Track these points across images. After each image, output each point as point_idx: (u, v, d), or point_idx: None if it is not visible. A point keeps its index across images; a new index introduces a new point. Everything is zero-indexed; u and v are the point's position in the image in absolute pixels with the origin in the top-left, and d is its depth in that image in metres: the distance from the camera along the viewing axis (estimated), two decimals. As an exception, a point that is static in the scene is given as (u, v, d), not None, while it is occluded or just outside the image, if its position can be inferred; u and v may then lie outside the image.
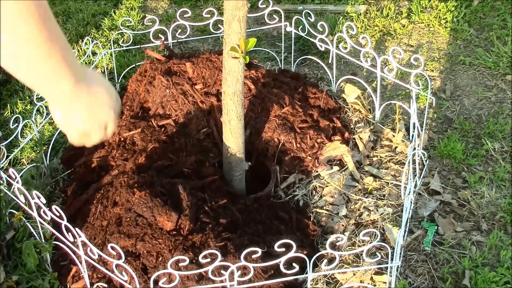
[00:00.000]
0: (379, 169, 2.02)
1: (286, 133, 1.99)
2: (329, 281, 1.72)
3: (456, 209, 1.92)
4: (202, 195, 1.76)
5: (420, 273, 1.75)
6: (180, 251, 1.60)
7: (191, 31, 2.37)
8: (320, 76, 2.40)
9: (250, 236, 1.71)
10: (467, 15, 2.71)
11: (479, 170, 2.04)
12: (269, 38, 2.61)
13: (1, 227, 1.79)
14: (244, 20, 1.56)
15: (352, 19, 2.69)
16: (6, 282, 1.66)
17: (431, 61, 2.49)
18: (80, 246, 1.53)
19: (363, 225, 1.85)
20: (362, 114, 2.19)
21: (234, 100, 1.69)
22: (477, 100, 2.32)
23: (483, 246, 1.81)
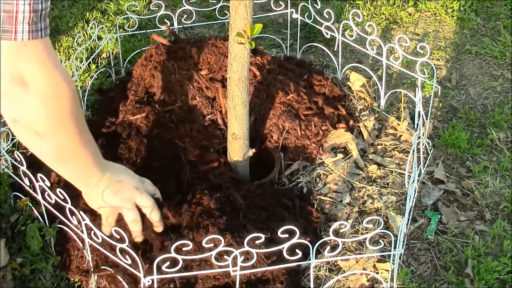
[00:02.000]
0: (383, 157, 2.02)
1: (291, 120, 1.99)
2: (331, 268, 1.72)
3: (459, 198, 1.92)
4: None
5: (422, 261, 1.76)
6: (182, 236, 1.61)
7: (197, 16, 2.37)
8: (325, 63, 2.40)
9: (254, 222, 1.71)
10: (474, 4, 2.70)
11: (484, 160, 2.04)
12: (275, 25, 2.60)
13: (6, 210, 1.80)
14: (251, 5, 1.56)
15: (358, 6, 2.68)
16: (10, 264, 1.67)
17: (437, 50, 2.48)
18: (84, 229, 1.54)
19: (366, 212, 1.85)
20: (367, 102, 2.19)
21: (239, 86, 1.69)
22: (482, 90, 2.31)
23: (486, 235, 1.82)
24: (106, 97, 2.23)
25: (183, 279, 1.59)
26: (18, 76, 1.23)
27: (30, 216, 1.77)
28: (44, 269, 1.67)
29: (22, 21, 1.18)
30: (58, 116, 1.31)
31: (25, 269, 1.67)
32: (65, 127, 1.35)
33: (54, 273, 1.68)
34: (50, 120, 1.31)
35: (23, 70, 1.23)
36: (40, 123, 1.30)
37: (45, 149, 1.37)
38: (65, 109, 1.32)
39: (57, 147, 1.37)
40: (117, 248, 1.49)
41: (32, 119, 1.29)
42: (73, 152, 1.40)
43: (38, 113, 1.28)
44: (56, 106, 1.30)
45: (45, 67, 1.26)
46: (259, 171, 1.93)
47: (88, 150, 1.44)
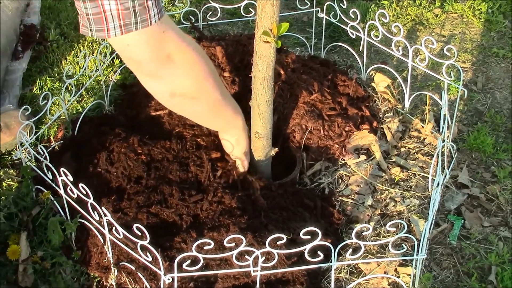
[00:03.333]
0: (406, 160, 2.00)
1: (314, 120, 1.98)
2: (352, 270, 1.71)
3: (484, 204, 1.90)
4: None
5: (445, 266, 1.74)
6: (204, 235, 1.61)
7: (221, 13, 2.36)
8: (349, 63, 2.38)
9: (275, 222, 1.71)
10: (503, 6, 2.67)
11: (509, 165, 2.02)
12: (299, 24, 2.59)
13: (28, 203, 1.81)
14: (278, 4, 1.55)
15: (384, 6, 2.66)
16: (31, 258, 1.68)
17: (463, 52, 2.46)
18: (105, 225, 1.54)
19: (388, 215, 1.84)
20: (391, 103, 2.18)
21: (264, 85, 1.68)
22: (509, 94, 2.29)
23: (510, 242, 1.80)
24: (129, 92, 2.23)
25: (203, 278, 1.59)
26: (166, 57, 1.46)
27: (51, 210, 1.77)
28: (65, 263, 1.68)
29: (152, 7, 1.36)
30: (205, 77, 1.57)
31: (45, 262, 1.68)
32: (211, 85, 1.61)
33: (74, 267, 1.68)
34: (200, 82, 1.57)
35: (168, 51, 1.46)
36: (193, 87, 1.57)
37: (201, 109, 1.66)
38: (206, 69, 1.58)
39: (210, 105, 1.65)
40: (138, 245, 1.49)
41: (187, 87, 1.55)
42: (221, 106, 1.68)
43: (190, 80, 1.55)
44: (200, 69, 1.56)
45: (182, 40, 1.49)
46: (280, 171, 1.92)
47: (230, 102, 1.73)
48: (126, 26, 1.34)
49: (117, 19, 1.33)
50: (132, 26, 1.35)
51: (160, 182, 1.75)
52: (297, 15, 2.47)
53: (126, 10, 1.32)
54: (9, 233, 1.74)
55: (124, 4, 1.31)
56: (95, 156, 1.84)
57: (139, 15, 1.34)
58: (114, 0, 1.30)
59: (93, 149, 1.87)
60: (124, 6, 1.31)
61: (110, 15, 1.32)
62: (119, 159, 1.81)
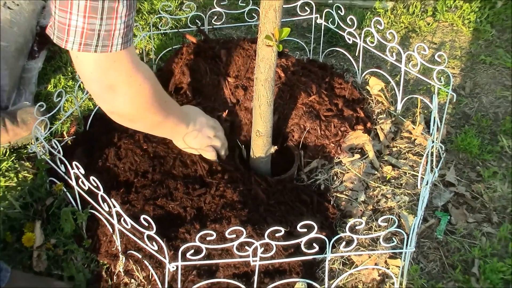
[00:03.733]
0: (398, 159, 2.01)
1: (312, 121, 1.99)
2: (345, 262, 1.72)
3: (469, 201, 1.91)
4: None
5: (431, 259, 1.75)
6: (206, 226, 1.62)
7: (226, 18, 2.37)
8: (346, 67, 2.39)
9: (273, 215, 1.72)
10: (490, 16, 2.67)
11: (493, 166, 2.03)
12: (299, 29, 2.60)
13: (42, 193, 1.82)
14: (280, 10, 1.56)
15: (379, 14, 2.67)
16: (45, 245, 1.69)
17: (453, 59, 2.47)
18: (114, 215, 1.56)
19: (380, 211, 1.85)
20: (385, 106, 2.19)
21: (265, 86, 1.69)
22: (495, 99, 2.30)
23: (493, 237, 1.81)
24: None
25: (205, 267, 1.60)
26: (108, 85, 1.43)
27: (64, 200, 1.79)
28: (76, 250, 1.69)
29: (118, 36, 1.34)
30: (144, 107, 1.55)
31: (58, 249, 1.69)
32: (151, 113, 1.59)
33: (85, 255, 1.69)
34: (139, 111, 1.56)
35: (112, 81, 1.43)
36: (130, 114, 1.56)
37: (138, 127, 1.67)
38: (148, 100, 1.55)
39: (147, 125, 1.66)
40: (145, 235, 1.50)
41: (124, 112, 1.54)
42: (160, 124, 1.67)
43: (128, 108, 1.53)
44: (141, 101, 1.53)
45: (130, 75, 1.45)
46: (279, 167, 1.93)
47: (172, 117, 1.70)
48: (86, 45, 1.32)
49: (79, 36, 1.30)
50: (92, 47, 1.33)
51: (165, 177, 1.76)
52: (297, 21, 2.48)
53: (91, 31, 1.30)
54: (25, 222, 1.75)
55: (91, 25, 1.29)
56: (104, 151, 1.85)
57: (101, 39, 1.32)
58: (82, 18, 1.28)
59: (103, 145, 1.88)
60: (90, 27, 1.29)
61: (73, 30, 1.30)
62: (126, 154, 1.82)
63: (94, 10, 1.27)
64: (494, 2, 2.76)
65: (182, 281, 1.56)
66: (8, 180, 1.89)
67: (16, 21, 2.24)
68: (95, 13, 1.27)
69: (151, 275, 1.62)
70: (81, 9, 1.26)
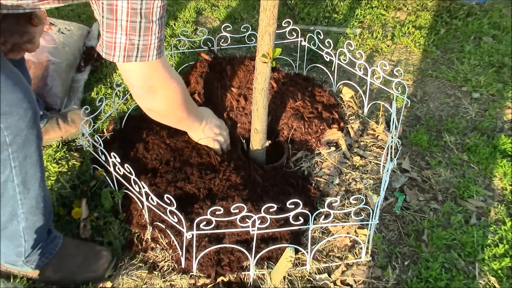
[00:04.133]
0: (364, 151, 1.99)
1: (298, 121, 1.96)
2: (324, 231, 1.71)
3: (420, 184, 1.89)
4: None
5: (391, 229, 1.74)
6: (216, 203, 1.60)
7: (231, 41, 2.34)
8: (324, 79, 2.37)
9: (268, 195, 1.70)
10: (435, 40, 2.65)
11: (439, 156, 2.01)
12: (288, 50, 2.57)
13: (87, 177, 1.80)
14: (273, 34, 1.53)
15: (350, 38, 2.65)
16: (89, 217, 1.67)
17: (407, 73, 2.44)
18: (143, 194, 1.53)
19: (351, 191, 1.83)
20: (354, 109, 2.17)
21: (261, 94, 1.67)
22: (439, 104, 2.28)
23: (438, 212, 1.79)
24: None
25: (214, 235, 1.58)
26: (150, 88, 1.47)
27: (104, 183, 1.77)
28: (113, 222, 1.67)
29: (153, 48, 1.34)
30: (175, 106, 1.59)
31: (99, 221, 1.68)
32: (179, 110, 1.62)
33: (120, 225, 1.68)
34: (172, 109, 1.59)
35: (154, 84, 1.46)
36: (165, 111, 1.59)
37: (169, 121, 1.69)
38: (179, 101, 1.58)
39: (174, 120, 1.69)
40: (167, 210, 1.49)
41: (160, 109, 1.57)
42: (183, 119, 1.69)
43: (164, 106, 1.56)
44: (174, 101, 1.56)
45: (166, 80, 1.48)
46: (272, 158, 1.91)
47: (192, 115, 1.71)
48: (128, 57, 1.33)
49: (123, 50, 1.31)
50: (133, 58, 1.33)
51: (183, 165, 1.74)
52: (286, 43, 2.45)
53: (131, 45, 1.31)
54: (73, 199, 1.74)
55: (132, 41, 1.30)
56: (136, 145, 1.83)
57: (140, 51, 1.33)
58: (125, 36, 1.29)
59: (135, 140, 1.86)
60: (131, 42, 1.30)
61: (118, 47, 1.31)
62: (153, 147, 1.80)
63: (133, 30, 1.28)
64: (438, 30, 2.74)
65: (196, 246, 1.55)
66: (61, 167, 1.87)
67: (67, 43, 2.22)
68: (134, 32, 1.28)
69: (172, 241, 1.60)
70: (123, 29, 1.28)
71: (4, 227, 1.37)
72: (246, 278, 1.57)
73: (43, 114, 1.93)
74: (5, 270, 1.52)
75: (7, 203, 1.33)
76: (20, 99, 1.24)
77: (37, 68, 2.08)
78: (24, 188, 1.33)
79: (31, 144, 1.29)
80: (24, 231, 1.40)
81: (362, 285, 1.57)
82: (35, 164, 1.33)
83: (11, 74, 1.26)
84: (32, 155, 1.31)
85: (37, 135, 1.31)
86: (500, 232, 1.73)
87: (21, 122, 1.25)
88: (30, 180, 1.34)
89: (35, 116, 1.29)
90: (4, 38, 1.49)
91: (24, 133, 1.26)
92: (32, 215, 1.39)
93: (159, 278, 1.56)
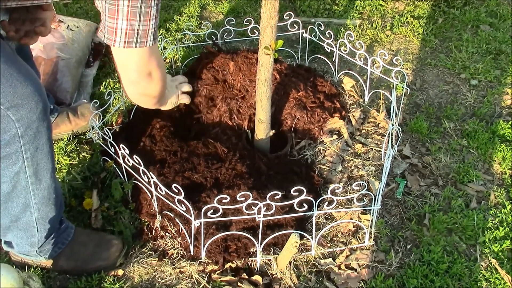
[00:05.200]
0: (366, 138, 1.97)
1: (300, 111, 1.94)
2: (327, 217, 1.69)
3: (420, 170, 1.87)
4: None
5: (393, 214, 1.72)
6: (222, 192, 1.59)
7: (234, 34, 2.32)
8: (325, 70, 2.34)
9: (272, 182, 1.69)
10: (434, 30, 2.61)
11: (438, 142, 1.98)
12: (290, 42, 2.54)
13: (97, 169, 1.78)
14: (275, 27, 1.51)
15: (350, 29, 2.61)
16: (100, 207, 1.66)
17: (406, 62, 2.41)
18: (152, 185, 1.52)
19: (353, 178, 1.81)
20: (355, 98, 2.14)
21: (265, 85, 1.65)
22: (438, 92, 2.24)
23: (439, 197, 1.77)
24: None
25: (221, 223, 1.57)
26: (147, 73, 1.45)
27: (114, 174, 1.75)
28: (124, 211, 1.66)
29: (151, 34, 1.33)
30: (164, 86, 1.59)
31: (110, 211, 1.67)
32: (164, 89, 1.62)
33: (131, 215, 1.66)
34: (163, 90, 1.59)
35: (150, 69, 1.44)
36: (157, 93, 1.58)
37: (156, 103, 1.67)
38: (165, 80, 1.58)
39: (160, 100, 1.67)
40: (176, 199, 1.47)
41: (154, 92, 1.57)
42: (163, 97, 1.69)
43: (158, 89, 1.56)
44: (164, 82, 1.56)
45: (159, 62, 1.46)
46: (276, 147, 1.89)
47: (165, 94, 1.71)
48: (128, 43, 1.32)
49: (124, 36, 1.30)
50: (133, 44, 1.32)
51: (190, 155, 1.72)
52: (288, 35, 2.42)
53: (132, 31, 1.29)
54: (85, 190, 1.73)
55: (132, 26, 1.29)
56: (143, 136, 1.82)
57: (139, 37, 1.31)
58: (126, 21, 1.28)
59: (143, 131, 1.85)
60: (132, 28, 1.29)
61: (120, 32, 1.30)
62: (161, 139, 1.79)
63: (134, 15, 1.27)
64: (436, 19, 2.69)
65: (204, 233, 1.53)
66: (72, 159, 1.85)
67: (76, 39, 2.20)
68: (135, 17, 1.27)
69: (181, 230, 1.59)
70: (124, 14, 1.26)
71: (17, 218, 1.37)
72: (253, 263, 1.56)
73: (54, 108, 1.92)
74: (20, 260, 1.51)
75: (20, 194, 1.32)
76: (31, 92, 1.23)
77: (47, 65, 2.06)
78: (36, 179, 1.32)
79: (42, 136, 1.28)
80: (37, 222, 1.39)
81: (366, 269, 1.55)
82: (46, 155, 1.32)
83: (22, 68, 1.25)
84: (43, 147, 1.30)
85: (48, 127, 1.30)
86: (500, 215, 1.70)
87: (32, 114, 1.24)
88: (41, 171, 1.33)
89: (46, 108, 1.28)
90: (16, 27, 1.47)
91: (35, 125, 1.25)
92: (45, 205, 1.38)
93: (169, 265, 1.55)
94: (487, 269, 1.56)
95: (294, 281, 1.52)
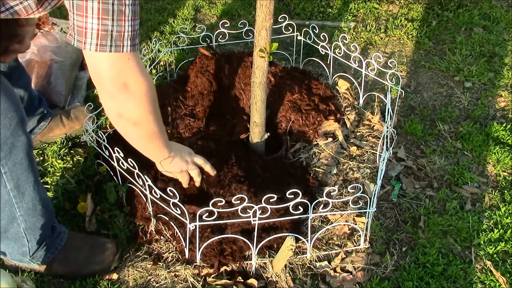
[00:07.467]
0: (361, 141, 1.97)
1: (295, 113, 1.94)
2: (323, 220, 1.69)
3: (415, 172, 1.87)
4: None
5: (388, 216, 1.72)
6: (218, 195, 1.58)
7: (229, 37, 2.32)
8: (320, 72, 2.34)
9: (268, 185, 1.68)
10: (427, 32, 2.63)
11: (433, 145, 1.99)
12: (284, 44, 2.54)
13: (91, 172, 1.77)
14: (270, 29, 1.51)
15: (345, 32, 2.62)
16: (94, 211, 1.66)
17: (401, 65, 2.42)
18: (147, 188, 1.51)
19: (348, 180, 1.81)
20: (350, 101, 2.14)
21: (260, 88, 1.65)
22: (433, 94, 2.25)
23: (434, 199, 1.78)
24: (163, 92, 2.18)
25: (217, 226, 1.56)
26: (122, 83, 1.24)
27: (108, 177, 1.74)
28: (118, 215, 1.66)
29: (127, 38, 1.18)
30: (149, 109, 1.32)
31: (104, 214, 1.66)
32: (152, 117, 1.34)
33: (125, 218, 1.66)
34: (145, 112, 1.32)
35: (125, 78, 1.23)
36: (138, 116, 1.31)
37: (137, 134, 1.38)
38: (152, 104, 1.32)
39: (145, 133, 1.38)
40: (171, 202, 1.47)
41: (134, 114, 1.31)
42: (153, 136, 1.40)
43: (137, 108, 1.30)
44: (148, 101, 1.30)
45: (141, 74, 1.25)
46: (272, 149, 1.89)
47: (162, 136, 1.44)
48: (102, 46, 1.16)
49: (95, 38, 1.15)
50: (107, 47, 1.17)
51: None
52: (283, 38, 2.42)
53: (104, 32, 1.15)
54: (79, 194, 1.72)
55: (105, 26, 1.14)
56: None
57: (114, 40, 1.16)
58: (96, 20, 1.13)
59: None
60: (104, 28, 1.14)
61: (90, 33, 1.15)
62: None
63: (106, 12, 1.13)
64: (430, 22, 2.71)
65: (199, 237, 1.53)
66: (66, 163, 1.84)
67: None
68: (107, 15, 1.13)
69: (176, 233, 1.59)
70: (95, 12, 1.13)
71: (6, 230, 1.36)
72: (248, 267, 1.55)
73: (48, 112, 1.91)
74: (13, 265, 1.50)
75: (4, 207, 1.32)
76: (5, 109, 1.21)
77: (41, 67, 2.05)
78: (18, 192, 1.31)
79: (18, 151, 1.27)
80: (25, 232, 1.39)
81: (361, 271, 1.55)
82: (26, 169, 1.31)
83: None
84: (22, 161, 1.29)
85: (26, 142, 1.28)
86: (494, 217, 1.71)
87: (5, 131, 1.22)
88: (23, 184, 1.32)
89: (22, 123, 1.26)
90: None
91: (9, 141, 1.24)
92: (31, 216, 1.37)
93: (163, 269, 1.55)
94: (482, 271, 1.56)
95: (290, 284, 1.52)
